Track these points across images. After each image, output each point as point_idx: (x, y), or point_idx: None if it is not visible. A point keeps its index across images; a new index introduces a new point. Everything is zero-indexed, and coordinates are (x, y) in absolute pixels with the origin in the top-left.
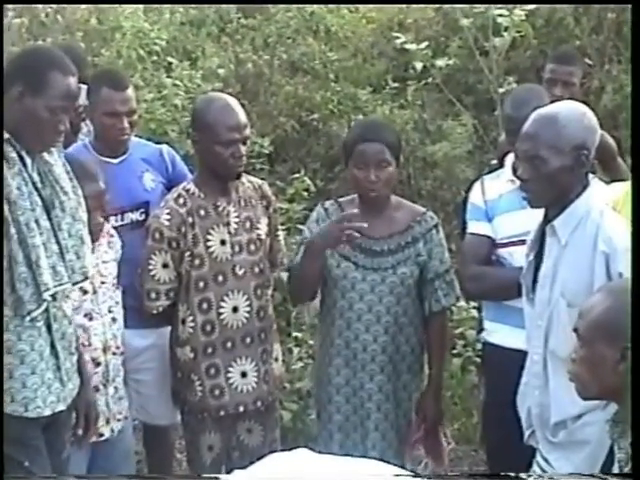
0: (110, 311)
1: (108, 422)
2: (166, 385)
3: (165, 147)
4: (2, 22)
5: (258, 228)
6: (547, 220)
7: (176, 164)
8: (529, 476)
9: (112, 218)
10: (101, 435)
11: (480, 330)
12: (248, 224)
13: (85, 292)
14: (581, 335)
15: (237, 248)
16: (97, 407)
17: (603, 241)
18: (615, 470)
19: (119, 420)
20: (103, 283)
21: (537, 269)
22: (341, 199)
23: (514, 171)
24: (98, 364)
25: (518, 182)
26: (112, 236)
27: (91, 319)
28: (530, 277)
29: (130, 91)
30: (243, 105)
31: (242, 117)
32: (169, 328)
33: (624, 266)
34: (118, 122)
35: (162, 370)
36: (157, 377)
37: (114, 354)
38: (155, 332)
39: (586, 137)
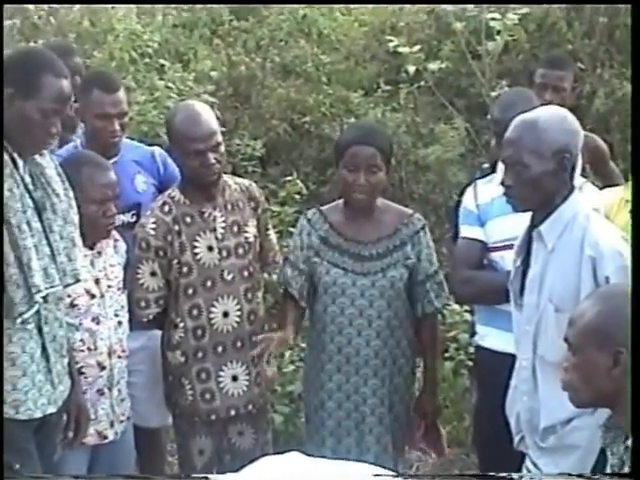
0: (116, 315)
1: (112, 425)
2: (157, 387)
3: (157, 149)
4: (2, 22)
5: (246, 231)
6: (533, 225)
7: (168, 166)
8: (520, 477)
9: None
10: (105, 437)
11: (472, 334)
12: (235, 228)
13: (93, 296)
14: (572, 343)
15: (225, 253)
16: (88, 410)
17: (589, 245)
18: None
19: (122, 422)
20: (110, 287)
21: (524, 274)
22: (324, 207)
23: None
24: (103, 368)
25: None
26: (117, 240)
27: (98, 323)
28: (518, 283)
29: (121, 93)
30: (235, 108)
31: (207, 126)
32: (155, 332)
33: (611, 270)
34: (109, 124)
35: (153, 372)
36: (148, 379)
37: (119, 357)
38: (145, 334)
39: (567, 140)
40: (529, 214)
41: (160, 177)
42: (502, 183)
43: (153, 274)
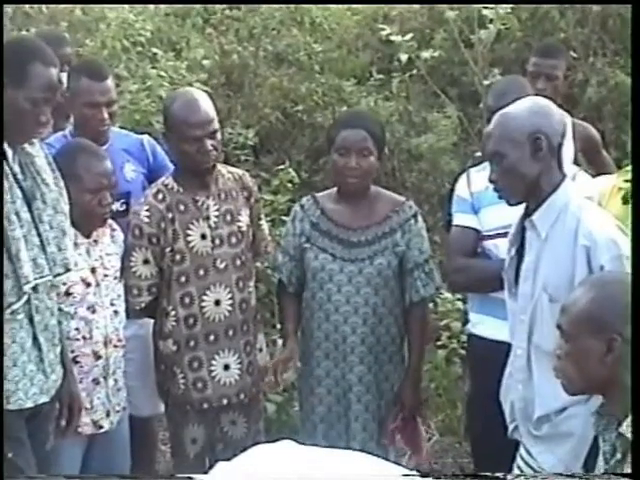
0: (112, 304)
1: (108, 415)
2: (148, 376)
3: (146, 137)
4: (2, 22)
5: (239, 220)
6: (526, 215)
7: (157, 155)
8: (517, 476)
9: None
10: (101, 427)
11: (465, 322)
12: (229, 217)
13: (88, 285)
14: (565, 330)
15: (218, 241)
16: (82, 399)
17: (583, 235)
18: (600, 462)
19: (118, 412)
20: (106, 276)
21: (519, 264)
22: (318, 194)
23: None
24: (99, 357)
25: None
26: (115, 229)
27: (94, 312)
28: (512, 272)
29: (110, 81)
30: (228, 96)
31: (205, 113)
32: (149, 319)
33: (606, 259)
34: (98, 112)
35: (144, 361)
36: (139, 368)
37: (115, 347)
38: (136, 323)
39: (539, 122)
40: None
41: (149, 165)
42: (490, 180)
43: (146, 262)
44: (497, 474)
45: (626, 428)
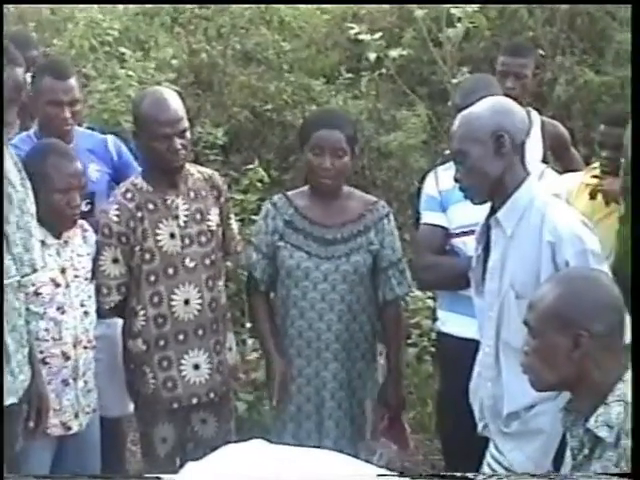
0: (82, 305)
1: (77, 416)
2: (116, 376)
3: (110, 137)
4: (2, 22)
5: (209, 219)
6: (492, 212)
7: (122, 154)
8: (490, 476)
9: None
10: (69, 429)
11: (435, 320)
12: (198, 216)
13: (58, 285)
14: (532, 326)
15: (187, 241)
16: (50, 400)
17: (548, 231)
18: (568, 458)
19: (87, 413)
20: (76, 277)
21: (485, 262)
22: (290, 192)
23: None
24: (68, 358)
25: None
26: (87, 230)
27: (63, 312)
28: (479, 270)
29: (73, 80)
30: (197, 95)
31: (175, 111)
32: (117, 319)
33: (571, 254)
34: (60, 111)
35: (112, 361)
36: (107, 368)
37: (85, 348)
38: (104, 323)
39: (501, 121)
40: None
41: (114, 165)
42: (454, 179)
43: (115, 261)
44: (468, 474)
45: (593, 423)
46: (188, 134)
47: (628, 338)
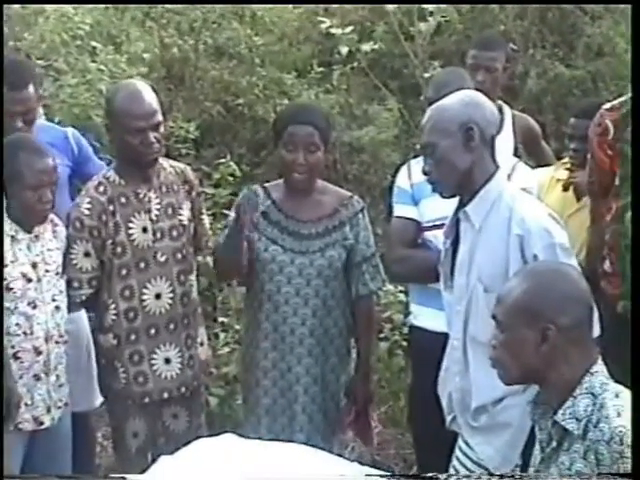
0: (54, 299)
1: (49, 410)
2: (82, 371)
3: (70, 130)
4: (2, 22)
5: (180, 214)
6: (460, 206)
7: (82, 147)
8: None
9: None
10: (41, 423)
11: (407, 314)
12: (170, 210)
13: (29, 280)
14: (500, 320)
15: (159, 235)
16: (20, 394)
17: (516, 224)
18: (536, 451)
19: (59, 408)
20: (47, 272)
21: (454, 255)
22: (267, 184)
23: None
24: (39, 353)
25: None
26: (57, 225)
27: (35, 307)
28: (448, 264)
29: (29, 89)
30: (169, 90)
31: (149, 104)
32: (81, 313)
33: (539, 248)
34: (12, 121)
35: (77, 355)
36: (72, 363)
37: (57, 343)
38: (68, 318)
39: (470, 112)
40: None
41: (74, 158)
42: (423, 172)
43: (87, 254)
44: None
45: (561, 416)
46: (162, 128)
47: (596, 331)
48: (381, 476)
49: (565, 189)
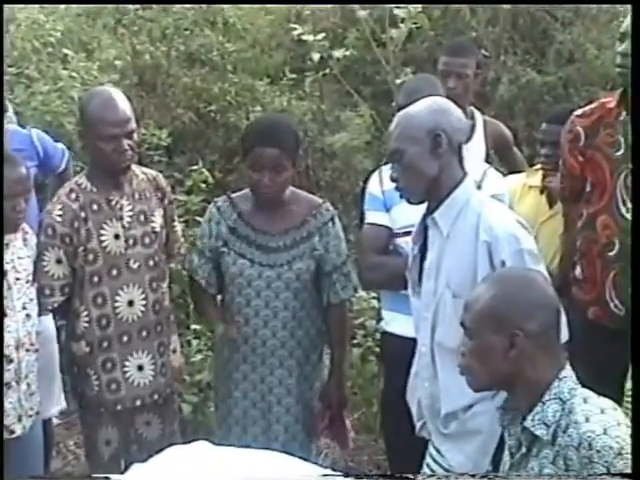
0: (24, 307)
1: (20, 419)
2: (45, 377)
3: (35, 132)
4: (2, 22)
5: (153, 221)
6: (428, 212)
7: (48, 148)
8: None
9: None
10: (12, 432)
11: (379, 320)
12: (142, 217)
13: None
14: (468, 327)
15: (131, 242)
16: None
17: (484, 230)
18: (506, 457)
19: (30, 416)
20: (18, 279)
21: (422, 262)
22: (234, 195)
23: None
24: (10, 361)
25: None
26: (27, 232)
27: (5, 315)
28: (416, 270)
29: None
30: (141, 97)
31: (123, 112)
32: (47, 317)
33: (507, 254)
34: None
35: (41, 361)
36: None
37: (27, 351)
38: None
39: (438, 119)
40: None
41: (40, 160)
42: (391, 178)
43: (59, 261)
44: (409, 475)
45: (530, 422)
46: (135, 135)
47: (565, 336)
48: (357, 476)
49: (542, 192)
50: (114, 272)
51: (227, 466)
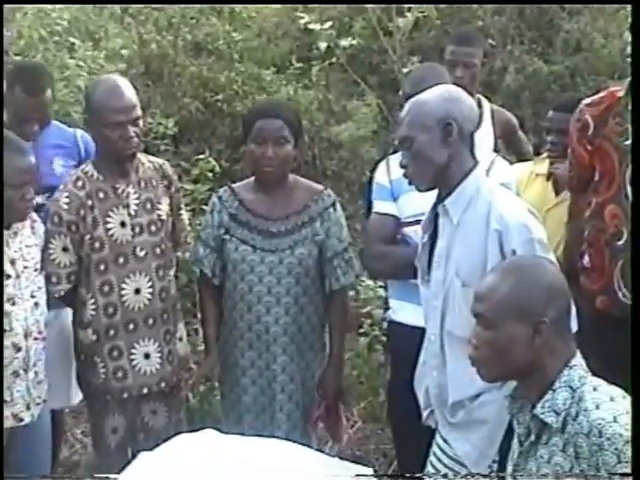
0: (33, 296)
1: (28, 407)
2: (56, 367)
3: (80, 132)
4: (2, 22)
5: (159, 209)
6: (439, 201)
7: (89, 149)
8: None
9: None
10: (21, 420)
11: (386, 309)
12: (148, 205)
13: (8, 276)
14: (486, 317)
15: (137, 229)
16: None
17: (495, 219)
18: (514, 445)
19: (38, 404)
20: (26, 268)
21: (432, 250)
22: (235, 185)
23: None
24: (19, 349)
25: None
26: (35, 221)
27: (14, 304)
28: (425, 258)
29: (47, 94)
30: (147, 86)
31: (129, 99)
32: (65, 310)
33: (517, 243)
34: (27, 126)
35: (51, 352)
36: (53, 359)
37: (36, 339)
38: (53, 314)
39: (449, 108)
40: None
41: (81, 159)
42: (400, 165)
43: (65, 249)
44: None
45: (540, 409)
46: (141, 122)
47: (574, 326)
48: (368, 475)
49: (548, 179)
50: (121, 260)
51: (235, 454)
